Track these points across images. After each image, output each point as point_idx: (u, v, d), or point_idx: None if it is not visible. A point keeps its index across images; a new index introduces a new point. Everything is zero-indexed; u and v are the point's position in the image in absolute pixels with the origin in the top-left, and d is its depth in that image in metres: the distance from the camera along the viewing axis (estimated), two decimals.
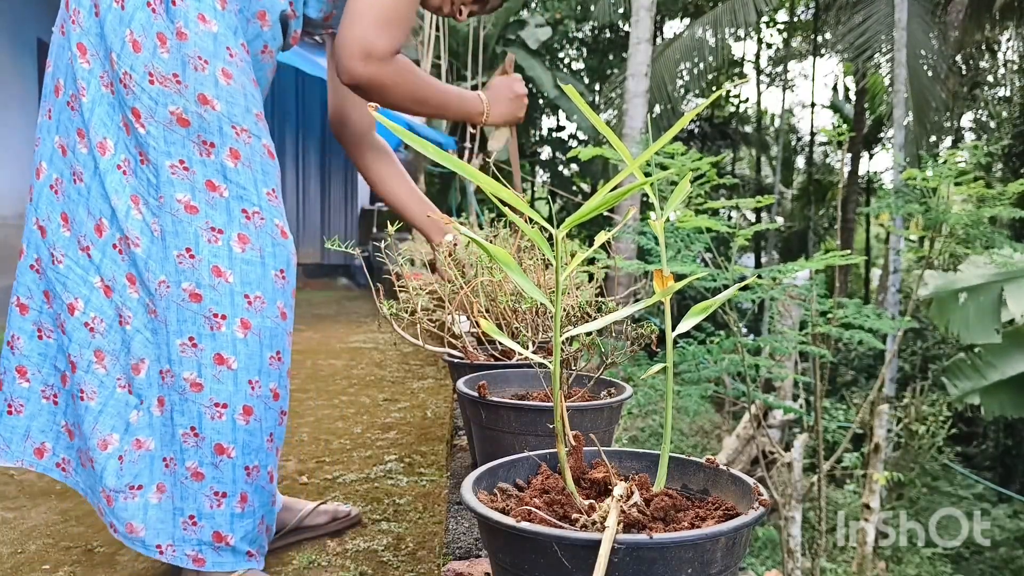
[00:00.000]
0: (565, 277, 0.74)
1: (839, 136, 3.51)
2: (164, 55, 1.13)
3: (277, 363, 1.21)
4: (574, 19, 16.07)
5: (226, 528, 1.18)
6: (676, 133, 0.68)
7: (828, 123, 21.36)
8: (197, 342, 1.15)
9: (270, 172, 1.21)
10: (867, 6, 10.77)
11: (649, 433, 7.83)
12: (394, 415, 2.47)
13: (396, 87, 1.32)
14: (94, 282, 1.15)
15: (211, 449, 1.16)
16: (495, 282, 1.68)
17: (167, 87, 1.13)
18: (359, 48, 1.26)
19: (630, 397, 1.27)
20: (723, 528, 0.66)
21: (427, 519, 1.64)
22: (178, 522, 1.17)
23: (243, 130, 1.17)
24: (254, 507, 1.20)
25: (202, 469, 1.16)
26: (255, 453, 1.19)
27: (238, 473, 1.18)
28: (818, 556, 4.01)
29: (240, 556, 1.20)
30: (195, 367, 1.15)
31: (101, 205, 1.15)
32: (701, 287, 3.24)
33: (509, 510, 0.73)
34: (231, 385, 1.16)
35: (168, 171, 1.14)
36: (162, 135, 1.13)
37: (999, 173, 12.73)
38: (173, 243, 1.14)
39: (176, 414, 1.15)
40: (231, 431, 1.16)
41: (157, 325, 1.15)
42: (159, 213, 1.14)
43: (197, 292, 1.14)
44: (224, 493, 1.17)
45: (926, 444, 8.23)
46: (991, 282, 6.10)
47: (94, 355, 1.15)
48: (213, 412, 1.15)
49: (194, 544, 1.17)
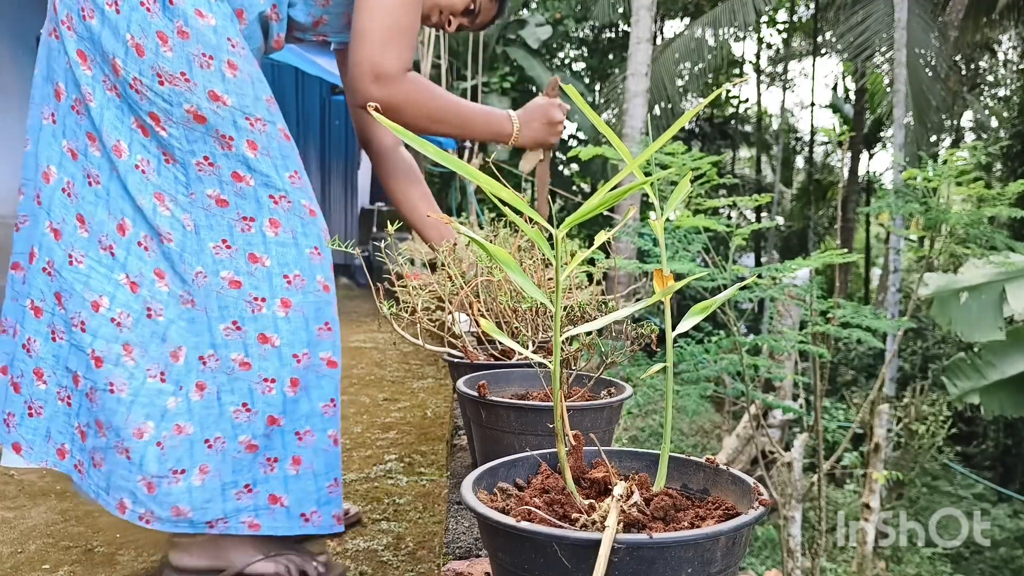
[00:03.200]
0: (565, 277, 0.74)
1: (839, 136, 3.51)
2: (168, 54, 1.13)
3: (327, 332, 1.24)
4: (574, 19, 16.07)
5: (280, 490, 1.22)
6: (676, 132, 0.68)
7: (828, 123, 21.36)
8: (240, 325, 1.19)
9: (289, 155, 1.23)
10: (867, 5, 10.77)
11: (649, 433, 7.84)
12: (394, 415, 2.47)
13: (411, 106, 1.32)
14: (119, 279, 1.18)
15: (264, 421, 1.21)
16: (495, 282, 1.68)
17: (177, 86, 1.14)
18: (369, 70, 1.27)
19: (630, 397, 1.27)
20: (723, 528, 0.66)
21: (427, 519, 1.64)
22: (229, 495, 1.20)
23: (257, 119, 1.19)
24: (312, 468, 1.24)
25: (256, 441, 1.21)
26: (305, 419, 1.23)
27: (288, 438, 1.22)
28: (818, 556, 4.01)
29: (294, 519, 1.23)
30: (241, 348, 1.19)
31: (122, 205, 1.18)
32: (700, 287, 3.24)
33: (509, 510, 0.73)
34: (276, 361, 1.21)
35: (195, 168, 1.17)
36: (183, 135, 1.16)
37: (999, 173, 12.73)
38: (208, 236, 1.18)
39: (224, 394, 1.20)
40: (281, 403, 1.21)
41: (195, 314, 1.19)
42: (190, 209, 1.18)
43: (236, 279, 1.19)
44: (276, 458, 1.22)
45: (926, 444, 8.23)
46: (993, 281, 6.11)
47: (123, 348, 1.17)
48: (263, 387, 1.20)
49: (250, 511, 1.21)
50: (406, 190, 1.65)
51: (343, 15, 1.39)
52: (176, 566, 1.29)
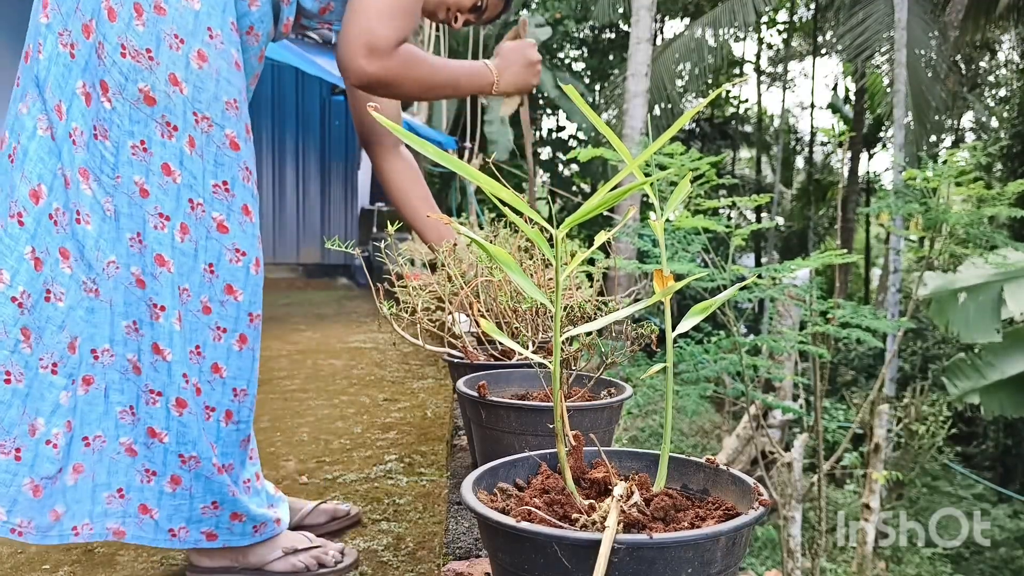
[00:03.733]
0: (565, 277, 0.74)
1: (839, 136, 3.52)
2: (139, 27, 1.08)
3: (197, 358, 1.17)
4: (574, 19, 16.07)
5: (153, 503, 1.16)
6: (676, 133, 0.68)
7: (828, 123, 21.36)
8: (139, 327, 1.13)
9: (224, 164, 1.16)
10: (867, 6, 10.77)
11: (649, 433, 7.84)
12: (394, 415, 2.47)
13: (406, 80, 1.27)
14: (24, 252, 1.08)
15: (144, 431, 1.15)
16: (495, 282, 1.68)
17: (139, 62, 1.08)
18: (362, 43, 1.21)
19: (630, 397, 1.27)
20: (723, 528, 0.66)
21: (427, 519, 1.64)
22: (100, 497, 1.14)
23: (204, 118, 1.13)
24: (189, 491, 1.17)
25: (136, 447, 1.15)
26: (192, 444, 1.16)
27: (170, 458, 1.16)
28: (818, 556, 4.01)
29: (161, 533, 1.17)
30: (135, 350, 1.14)
31: (41, 170, 1.08)
32: (700, 287, 3.24)
33: (509, 510, 0.73)
34: (165, 375, 1.14)
35: (129, 151, 1.10)
36: (127, 113, 1.09)
37: (999, 173, 12.73)
38: (127, 225, 1.11)
39: (113, 392, 1.13)
40: (165, 419, 1.14)
41: (97, 304, 1.11)
42: (114, 192, 1.10)
43: (142, 279, 1.13)
44: (154, 472, 1.16)
45: (926, 444, 8.23)
46: (991, 281, 6.11)
47: (21, 333, 1.08)
48: (148, 398, 1.14)
49: (117, 516, 1.15)
50: (407, 191, 1.63)
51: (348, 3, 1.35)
52: (196, 566, 1.29)
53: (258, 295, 1.22)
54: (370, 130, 1.62)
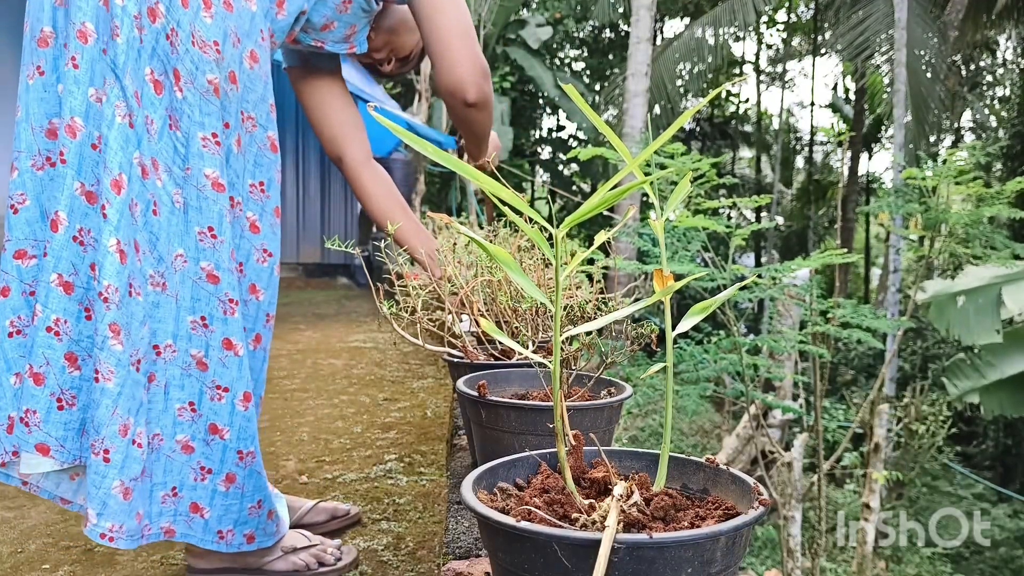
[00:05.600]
0: (565, 276, 0.74)
1: (839, 136, 3.52)
2: (207, 19, 1.07)
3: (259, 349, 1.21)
4: (574, 19, 16.06)
5: (205, 502, 1.15)
6: (676, 132, 0.68)
7: (828, 123, 21.36)
8: (209, 323, 1.11)
9: (263, 165, 1.18)
10: (866, 5, 10.77)
11: (649, 433, 7.84)
12: (394, 415, 2.47)
13: (489, 102, 1.39)
14: (109, 245, 1.01)
15: (206, 427, 1.14)
16: (495, 282, 1.68)
17: (207, 54, 1.07)
18: (480, 66, 1.30)
19: (630, 397, 1.27)
20: (723, 527, 0.66)
21: (427, 519, 1.64)
22: (156, 496, 1.11)
23: (249, 118, 1.15)
24: (239, 491, 1.17)
25: (193, 443, 1.13)
26: (251, 439, 1.17)
27: (228, 455, 1.15)
28: (818, 556, 4.01)
29: (210, 534, 1.16)
30: (203, 346, 1.12)
31: (120, 159, 1.02)
32: (700, 287, 3.24)
33: (509, 510, 0.73)
34: (235, 371, 1.13)
35: (200, 143, 1.08)
36: (198, 104, 1.07)
37: (999, 173, 12.73)
38: (196, 219, 1.09)
39: (174, 388, 1.11)
40: (229, 414, 1.14)
41: (163, 299, 1.08)
42: (183, 185, 1.08)
43: (216, 274, 1.11)
44: (210, 469, 1.15)
45: (926, 444, 8.23)
46: (990, 284, 6.12)
47: (109, 329, 1.01)
48: (213, 393, 1.13)
49: (169, 516, 1.13)
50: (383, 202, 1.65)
51: (349, 26, 1.40)
52: (195, 568, 1.28)
53: (276, 297, 1.24)
54: (339, 145, 1.62)
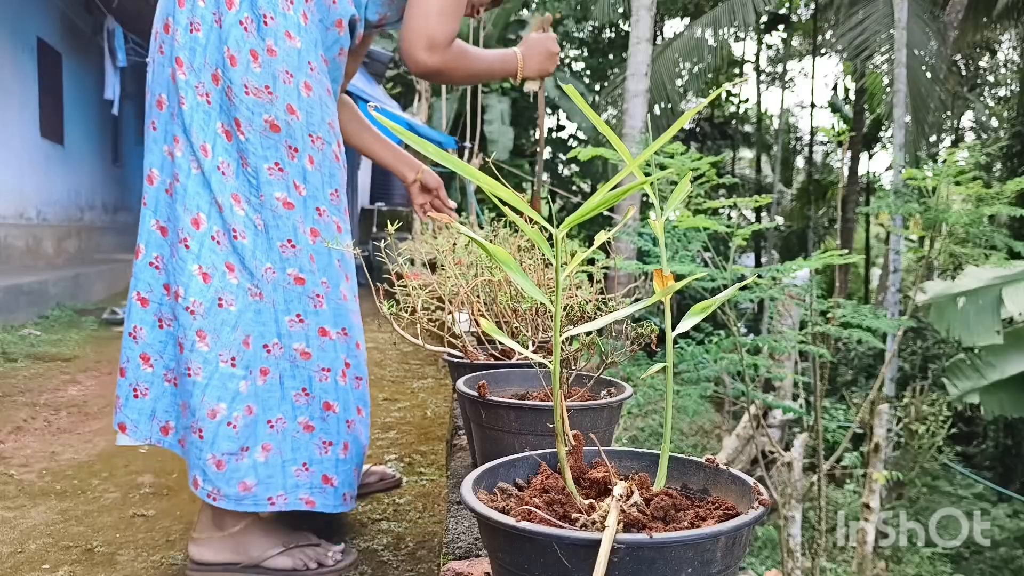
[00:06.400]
0: (565, 277, 0.74)
1: (839, 136, 3.51)
2: (256, 69, 1.27)
3: (343, 338, 1.39)
4: (574, 19, 16.07)
5: (332, 471, 1.37)
6: (676, 132, 0.68)
7: (828, 123, 21.33)
8: (304, 318, 1.34)
9: (335, 174, 1.38)
10: (866, 5, 10.77)
11: (649, 433, 7.83)
12: (394, 415, 2.47)
13: (455, 70, 1.47)
14: (192, 270, 1.29)
15: (320, 406, 1.35)
16: (495, 282, 1.68)
17: (260, 98, 1.27)
18: (424, 38, 1.39)
19: (630, 397, 1.27)
20: (723, 528, 0.66)
21: (427, 519, 1.64)
22: (289, 471, 1.33)
23: (318, 138, 1.33)
24: (351, 454, 1.39)
25: (313, 422, 1.35)
26: (352, 409, 1.39)
27: (341, 426, 1.38)
28: (818, 556, 4.01)
29: (339, 498, 1.38)
30: (303, 339, 1.34)
31: (198, 201, 1.29)
32: (700, 287, 3.24)
33: (509, 510, 0.73)
34: (332, 352, 1.36)
35: (267, 173, 1.30)
36: (259, 141, 1.29)
37: (999, 173, 12.73)
38: (276, 235, 1.31)
39: (287, 379, 1.33)
40: (334, 390, 1.37)
41: (263, 306, 1.32)
42: (260, 210, 1.31)
43: (301, 276, 1.33)
44: (330, 442, 1.37)
45: (926, 444, 8.23)
46: (989, 285, 6.11)
47: (196, 335, 1.28)
48: (320, 376, 1.35)
49: (306, 488, 1.35)
50: (361, 135, 1.77)
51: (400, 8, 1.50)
52: (197, 561, 1.33)
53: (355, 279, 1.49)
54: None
